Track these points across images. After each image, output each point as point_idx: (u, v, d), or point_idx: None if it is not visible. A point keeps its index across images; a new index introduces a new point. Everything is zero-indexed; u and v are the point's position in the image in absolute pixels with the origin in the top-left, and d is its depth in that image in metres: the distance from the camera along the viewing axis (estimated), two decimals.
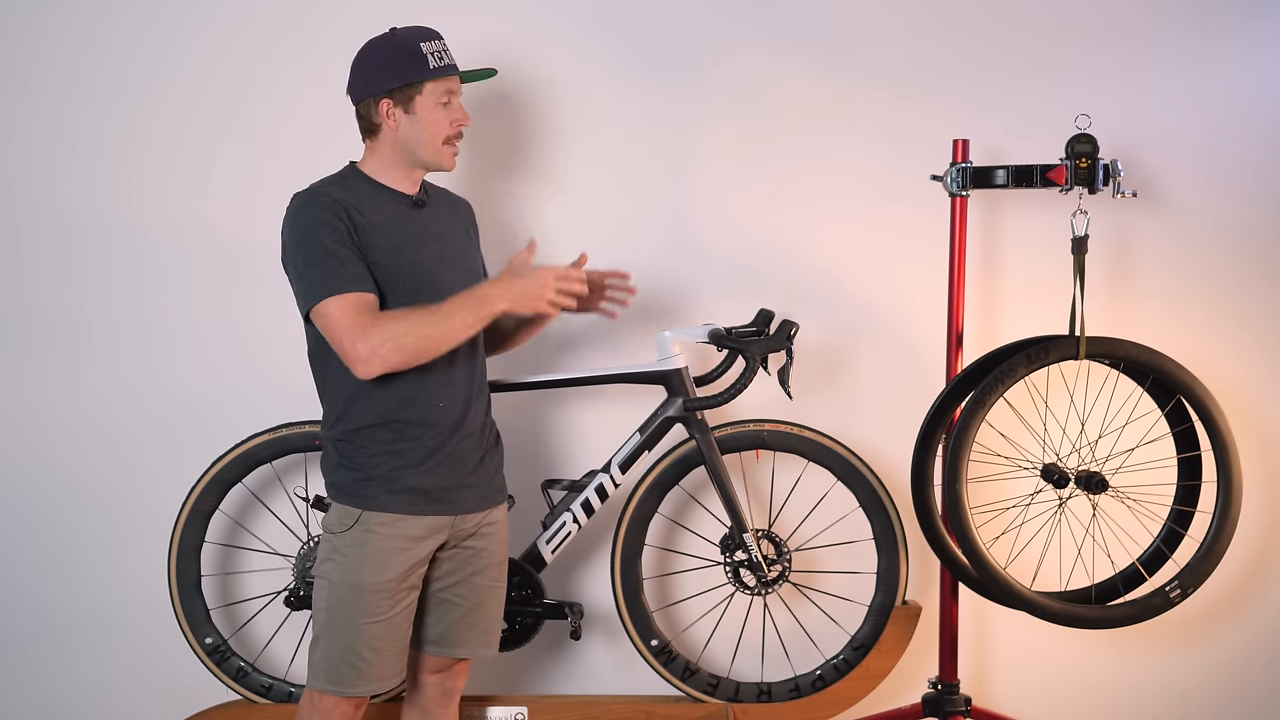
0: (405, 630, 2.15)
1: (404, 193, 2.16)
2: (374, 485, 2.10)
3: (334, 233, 2.02)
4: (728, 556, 2.56)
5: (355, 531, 2.10)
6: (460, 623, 2.23)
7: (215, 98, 2.79)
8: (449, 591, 2.22)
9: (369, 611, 2.08)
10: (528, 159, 2.79)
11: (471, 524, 2.20)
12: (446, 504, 2.14)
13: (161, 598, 2.61)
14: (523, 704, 2.58)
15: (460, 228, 2.27)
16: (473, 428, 2.18)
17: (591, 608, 2.76)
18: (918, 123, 2.72)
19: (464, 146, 2.77)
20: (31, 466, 2.82)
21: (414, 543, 2.11)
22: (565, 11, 2.78)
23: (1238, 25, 2.75)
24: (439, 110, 2.12)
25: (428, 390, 2.10)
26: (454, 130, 2.14)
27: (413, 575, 2.13)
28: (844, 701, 2.57)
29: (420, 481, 2.11)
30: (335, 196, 2.06)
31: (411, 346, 1.99)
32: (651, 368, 2.49)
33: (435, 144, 2.12)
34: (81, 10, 2.77)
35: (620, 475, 2.53)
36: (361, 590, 2.08)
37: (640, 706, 2.59)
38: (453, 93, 2.14)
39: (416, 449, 2.11)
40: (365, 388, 2.07)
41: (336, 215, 2.03)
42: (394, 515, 2.10)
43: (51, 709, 2.87)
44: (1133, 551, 2.58)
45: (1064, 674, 2.85)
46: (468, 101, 2.23)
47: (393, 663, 2.14)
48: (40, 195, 2.80)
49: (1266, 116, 2.75)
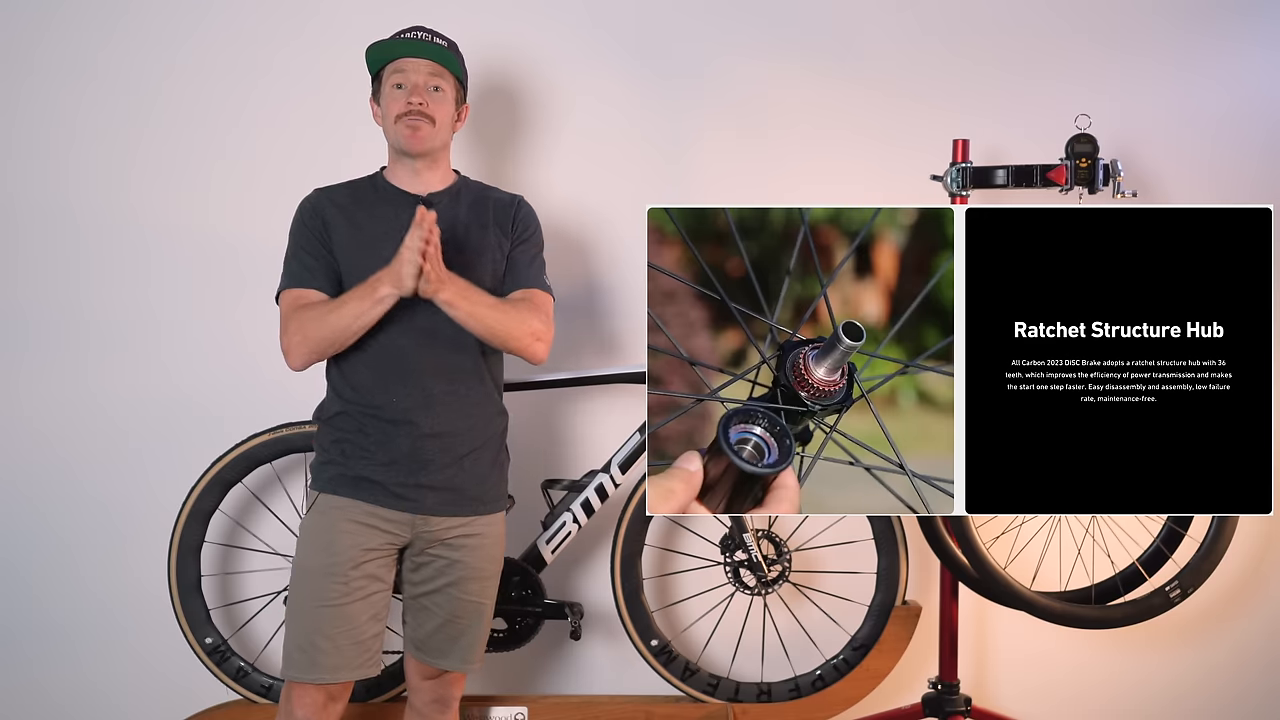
0: (363, 621, 2.11)
1: (411, 193, 2.19)
2: (331, 469, 2.15)
3: (302, 231, 2.16)
4: (728, 556, 2.56)
5: (311, 514, 2.15)
6: (438, 633, 2.20)
7: (216, 97, 2.79)
8: (427, 599, 2.20)
9: (319, 595, 2.08)
10: (527, 160, 2.79)
11: (441, 529, 2.16)
12: (403, 500, 2.12)
13: (161, 598, 2.61)
14: (523, 704, 2.58)
15: (479, 226, 2.22)
16: (440, 429, 2.13)
17: (591, 608, 2.76)
18: (918, 123, 2.72)
19: (464, 149, 2.78)
20: (30, 467, 2.82)
21: (363, 528, 2.10)
22: (565, 14, 2.78)
23: (1237, 25, 2.75)
24: (394, 92, 2.16)
25: (384, 383, 2.12)
26: (404, 108, 2.14)
27: (369, 564, 2.11)
28: (844, 701, 2.57)
29: (373, 473, 2.12)
30: (322, 196, 2.20)
31: (316, 337, 2.06)
32: None
33: (391, 123, 2.16)
34: (83, 8, 2.77)
35: (620, 475, 2.53)
36: (310, 573, 2.10)
37: (640, 706, 2.59)
38: (405, 73, 2.15)
39: (370, 439, 2.12)
40: (335, 376, 2.17)
41: (311, 215, 2.17)
42: (344, 499, 2.11)
43: (51, 709, 2.86)
44: (1133, 551, 2.58)
45: (1064, 674, 2.85)
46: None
47: (350, 653, 2.10)
48: (39, 194, 2.80)
49: (1266, 116, 2.75)
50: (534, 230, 2.29)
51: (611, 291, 2.79)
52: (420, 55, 2.17)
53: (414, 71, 2.16)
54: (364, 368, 2.13)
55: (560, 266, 2.78)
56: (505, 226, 2.25)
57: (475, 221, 2.22)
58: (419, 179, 2.20)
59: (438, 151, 2.21)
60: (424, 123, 2.15)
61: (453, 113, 2.22)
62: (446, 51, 2.21)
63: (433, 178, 2.21)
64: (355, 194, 2.20)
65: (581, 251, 2.79)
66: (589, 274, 2.79)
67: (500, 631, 2.54)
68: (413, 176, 2.20)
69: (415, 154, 2.17)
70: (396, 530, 2.13)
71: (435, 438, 2.14)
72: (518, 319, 2.13)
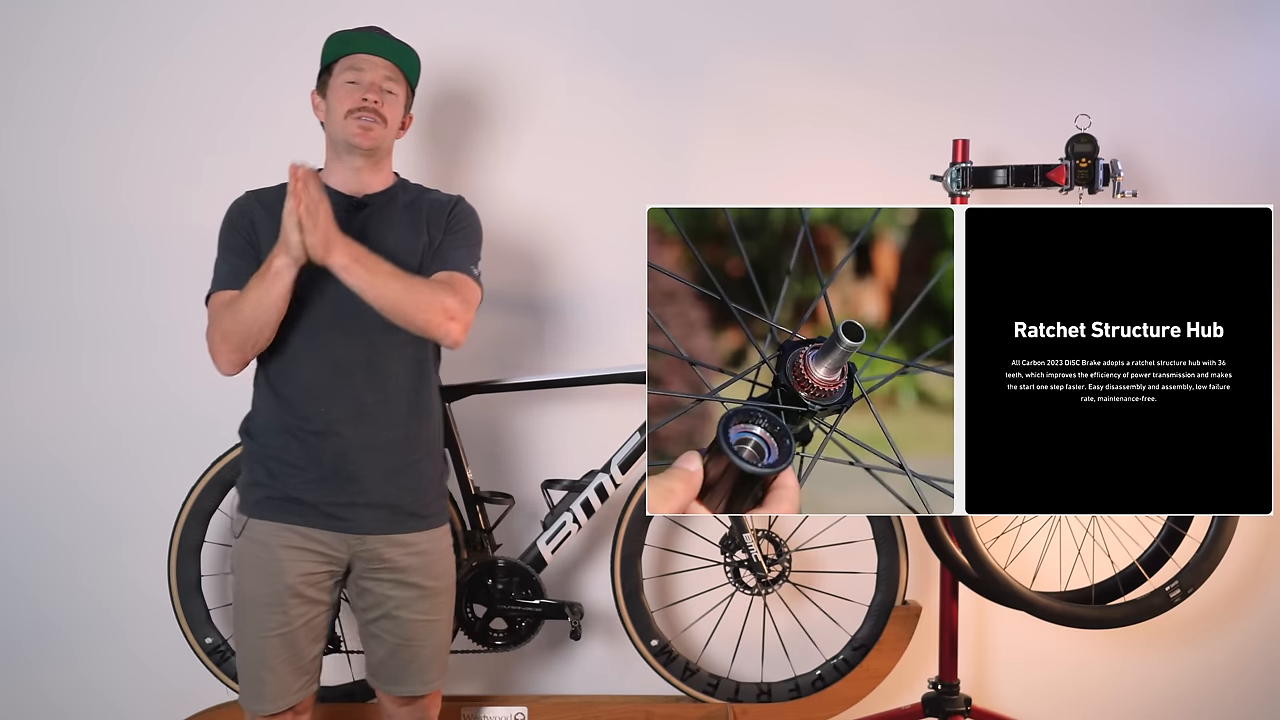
0: (305, 647, 2.07)
1: (343, 193, 2.10)
2: (258, 490, 2.07)
3: (230, 233, 2.11)
4: (728, 556, 2.56)
5: (244, 540, 2.07)
6: (392, 659, 2.13)
7: (208, 97, 2.78)
8: (376, 625, 2.12)
9: (262, 625, 2.04)
10: (526, 160, 2.79)
11: (381, 547, 2.07)
12: (336, 520, 2.04)
13: (160, 598, 2.61)
14: (523, 704, 2.58)
15: (410, 228, 2.12)
16: (376, 442, 2.06)
17: (591, 608, 2.76)
18: (917, 123, 2.72)
19: (459, 148, 2.77)
20: (24, 467, 2.82)
21: (299, 553, 2.04)
22: (563, 12, 2.78)
23: (1237, 25, 2.75)
24: (345, 88, 2.09)
25: (312, 394, 2.04)
26: (356, 104, 2.06)
27: (310, 588, 2.05)
28: (844, 701, 2.57)
29: (303, 492, 2.04)
30: (251, 198, 2.14)
31: (233, 331, 1.99)
32: None
33: (339, 118, 2.08)
34: (77, 7, 2.77)
35: (620, 475, 2.53)
36: (251, 602, 2.05)
37: (640, 706, 2.59)
38: (360, 70, 2.09)
39: (297, 455, 2.04)
40: (261, 387, 2.10)
41: (239, 216, 2.12)
42: (275, 524, 2.04)
43: (50, 710, 2.86)
44: (1133, 551, 2.58)
45: (1064, 674, 2.85)
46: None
47: (291, 680, 2.07)
48: (30, 195, 2.79)
49: (1266, 116, 2.75)
50: (468, 224, 2.18)
51: (611, 291, 2.78)
52: (381, 54, 2.12)
53: (371, 69, 2.10)
54: (292, 378, 2.05)
55: (560, 266, 2.79)
56: (439, 225, 2.16)
57: (409, 224, 2.14)
58: (358, 179, 2.12)
59: (381, 153, 2.13)
60: (376, 122, 2.08)
61: (400, 118, 2.16)
62: (408, 54, 2.16)
63: (372, 179, 2.13)
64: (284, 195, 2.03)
65: (580, 251, 2.79)
66: (588, 274, 2.79)
67: (500, 631, 2.54)
68: (351, 176, 2.12)
69: (362, 150, 2.08)
70: (333, 551, 2.06)
71: (366, 451, 2.05)
72: (428, 292, 1.99)
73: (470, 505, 2.54)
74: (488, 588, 2.51)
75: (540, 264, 2.79)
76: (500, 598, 2.51)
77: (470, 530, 2.54)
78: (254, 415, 2.13)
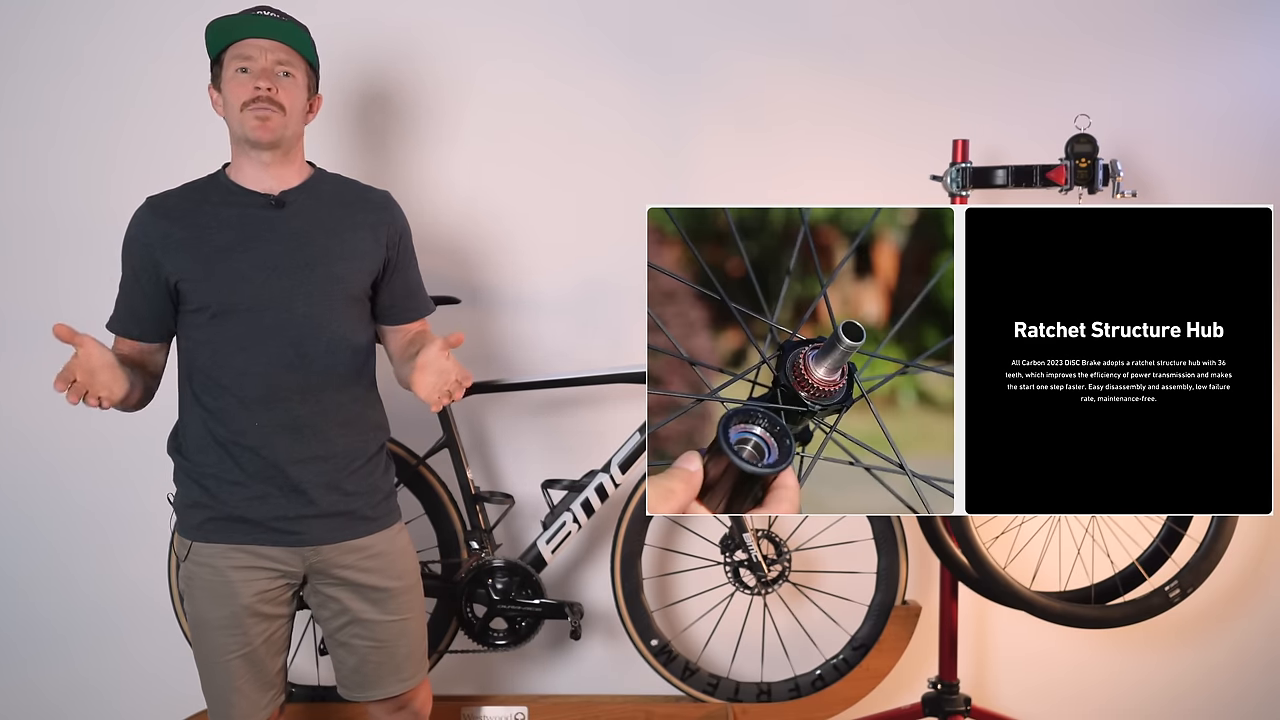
0: (268, 662, 2.02)
1: (259, 192, 1.98)
2: (199, 512, 1.97)
3: (128, 259, 1.99)
4: (727, 556, 2.56)
5: (190, 564, 1.99)
6: (364, 664, 2.07)
7: (196, 94, 2.77)
8: (345, 633, 2.05)
9: (222, 649, 1.98)
10: (525, 159, 2.78)
11: (336, 555, 2.00)
12: (288, 535, 1.96)
13: (157, 599, 2.61)
14: (523, 704, 2.58)
15: (343, 227, 2.01)
16: (313, 450, 1.97)
17: (591, 608, 2.76)
18: (917, 122, 2.71)
19: (461, 149, 2.77)
20: (15, 469, 2.82)
21: (250, 571, 1.96)
22: (561, 10, 2.78)
23: (1238, 24, 2.75)
24: (236, 77, 1.94)
25: (244, 408, 1.94)
26: (250, 94, 1.91)
27: (266, 604, 1.99)
28: (844, 701, 2.57)
29: (247, 510, 1.95)
30: (153, 206, 1.99)
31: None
32: None
33: (236, 112, 1.93)
34: (64, 9, 2.75)
35: (620, 475, 2.53)
36: (209, 626, 1.98)
37: (640, 706, 2.59)
38: (250, 58, 1.93)
39: (238, 474, 1.95)
40: (188, 401, 1.99)
41: (134, 239, 1.98)
42: (223, 546, 1.96)
43: (47, 712, 2.86)
44: (1132, 551, 2.58)
45: (1064, 674, 2.85)
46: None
47: (257, 696, 2.03)
48: (19, 196, 2.78)
49: (1267, 116, 2.75)
50: (408, 236, 2.12)
51: (611, 291, 2.78)
52: (267, 35, 1.95)
53: (260, 54, 1.93)
54: (220, 391, 1.95)
55: (559, 266, 2.79)
56: (378, 231, 2.05)
57: (345, 221, 2.02)
58: (268, 174, 1.98)
59: (290, 143, 1.98)
60: (274, 111, 1.92)
61: (304, 101, 2.00)
62: (298, 31, 1.99)
63: (286, 173, 1.99)
64: (195, 197, 1.99)
65: (580, 251, 2.79)
66: (588, 274, 2.79)
67: (500, 631, 2.54)
68: (261, 171, 1.98)
69: (265, 145, 1.94)
70: (287, 565, 1.99)
71: (308, 463, 1.97)
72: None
73: (470, 505, 2.54)
74: (488, 587, 2.51)
75: (539, 264, 2.79)
76: (500, 598, 2.51)
77: (470, 530, 2.54)
78: (181, 430, 2.02)
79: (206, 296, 1.93)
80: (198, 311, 1.95)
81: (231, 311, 1.93)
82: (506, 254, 2.78)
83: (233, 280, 1.92)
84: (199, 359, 1.97)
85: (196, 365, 1.97)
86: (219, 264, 1.93)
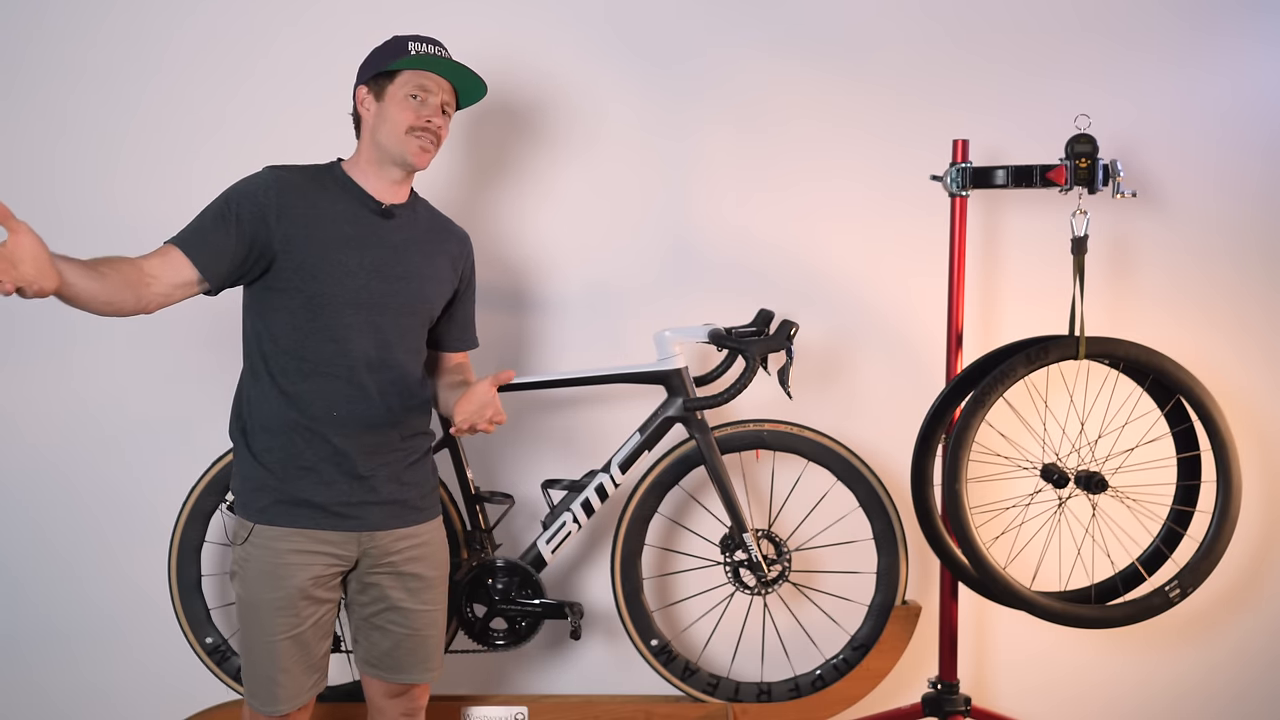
0: (315, 645, 2.09)
1: (373, 196, 2.10)
2: (264, 495, 2.04)
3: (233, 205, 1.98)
4: (728, 556, 2.56)
5: (248, 546, 2.05)
6: (398, 649, 2.16)
7: (204, 89, 2.78)
8: (381, 618, 2.14)
9: (272, 629, 2.03)
10: (526, 160, 2.79)
11: (389, 542, 2.10)
12: (348, 520, 2.05)
13: (159, 598, 2.61)
14: (523, 704, 2.58)
15: (433, 252, 2.16)
16: (382, 442, 2.08)
17: (591, 608, 2.76)
18: (918, 123, 2.72)
19: (461, 149, 2.78)
20: (21, 467, 2.82)
21: (309, 556, 2.03)
22: (566, 13, 2.78)
23: (1238, 24, 2.75)
24: (408, 101, 2.06)
25: (325, 397, 2.03)
26: (420, 122, 2.05)
27: (319, 588, 2.05)
28: (844, 701, 2.57)
29: (313, 494, 2.03)
30: (279, 176, 2.04)
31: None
32: (651, 368, 2.48)
33: (399, 132, 2.05)
34: (72, 8, 2.76)
35: (620, 475, 2.53)
36: (261, 608, 2.03)
37: (640, 706, 2.59)
38: (427, 90, 2.07)
39: (309, 458, 2.03)
40: (263, 385, 2.05)
41: (251, 194, 1.99)
42: (285, 529, 2.03)
43: (50, 711, 2.86)
44: (1132, 551, 2.58)
45: (1064, 674, 2.85)
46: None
47: (303, 679, 2.08)
48: (25, 192, 2.78)
49: (1267, 116, 2.75)
50: (474, 275, 2.30)
51: (611, 292, 2.78)
52: (448, 76, 2.10)
53: (437, 91, 2.09)
54: (302, 378, 2.03)
55: (559, 267, 2.79)
56: (458, 264, 2.22)
57: (435, 246, 2.17)
58: (390, 187, 2.11)
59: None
60: (434, 145, 2.09)
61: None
62: (478, 84, 2.14)
63: (402, 191, 2.14)
64: (314, 183, 2.07)
65: (580, 252, 2.79)
66: (588, 274, 2.79)
67: (500, 631, 2.54)
68: (387, 185, 2.11)
69: (415, 170, 2.11)
70: (343, 550, 2.07)
71: (377, 455, 2.08)
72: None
73: (470, 505, 2.55)
74: (488, 587, 2.51)
75: (539, 264, 2.79)
76: (500, 598, 2.51)
77: (470, 530, 2.55)
78: (252, 414, 2.08)
79: (308, 280, 2.00)
80: (289, 293, 2.01)
81: (329, 303, 2.02)
82: (507, 255, 2.78)
83: (339, 273, 2.01)
84: (284, 342, 2.03)
85: (280, 348, 2.03)
86: (333, 253, 2.02)
